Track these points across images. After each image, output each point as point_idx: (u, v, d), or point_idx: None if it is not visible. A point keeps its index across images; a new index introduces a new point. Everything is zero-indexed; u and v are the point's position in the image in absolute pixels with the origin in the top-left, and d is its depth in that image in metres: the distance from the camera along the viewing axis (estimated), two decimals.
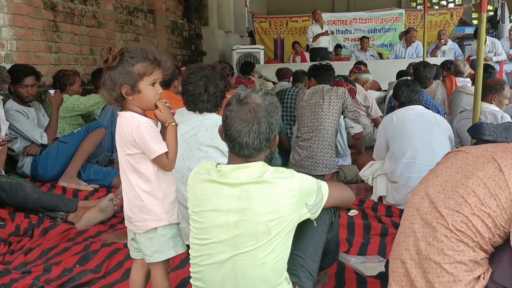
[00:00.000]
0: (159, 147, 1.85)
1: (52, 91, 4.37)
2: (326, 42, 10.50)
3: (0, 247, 2.90)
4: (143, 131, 1.84)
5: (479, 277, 1.71)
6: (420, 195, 1.87)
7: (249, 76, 7.73)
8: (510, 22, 12.32)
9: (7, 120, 4.01)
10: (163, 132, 1.93)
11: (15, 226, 3.21)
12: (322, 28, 10.41)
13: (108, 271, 2.61)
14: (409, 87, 3.71)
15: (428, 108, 4.06)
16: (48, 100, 4.44)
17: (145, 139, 1.84)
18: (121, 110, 1.92)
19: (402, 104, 3.73)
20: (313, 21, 10.53)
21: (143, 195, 1.90)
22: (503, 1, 12.28)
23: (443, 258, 1.72)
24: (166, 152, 1.87)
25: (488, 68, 5.31)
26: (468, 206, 1.72)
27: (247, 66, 8.35)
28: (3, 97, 4.10)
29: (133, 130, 1.84)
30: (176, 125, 1.92)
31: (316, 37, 10.16)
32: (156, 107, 1.89)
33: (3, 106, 4.09)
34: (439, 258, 1.73)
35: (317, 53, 10.34)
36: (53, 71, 5.25)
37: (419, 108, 3.70)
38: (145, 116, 1.90)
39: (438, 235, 1.74)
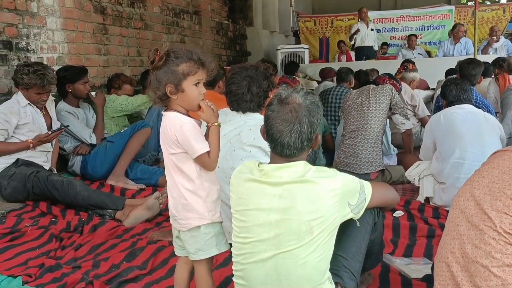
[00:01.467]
0: (201, 147, 1.88)
1: (93, 93, 4.52)
2: (371, 41, 10.36)
3: (52, 242, 3.01)
4: (185, 130, 1.87)
5: None
6: (466, 196, 1.82)
7: (294, 76, 7.73)
8: None
9: (58, 120, 4.16)
10: (206, 134, 1.96)
11: (66, 223, 3.32)
12: (367, 26, 10.27)
13: (154, 268, 2.66)
14: (457, 86, 3.61)
15: (478, 107, 3.94)
16: (93, 102, 4.60)
17: (187, 138, 1.87)
18: (165, 110, 1.96)
19: (450, 103, 3.63)
20: (359, 20, 10.40)
21: (186, 193, 1.94)
22: None
23: (491, 261, 1.67)
24: (208, 152, 1.90)
25: None
26: None
27: (292, 65, 8.34)
28: (54, 98, 4.26)
29: (176, 129, 1.88)
30: (219, 125, 1.95)
31: (352, 36, 10.11)
32: (199, 107, 1.93)
33: (55, 107, 4.26)
34: (486, 261, 1.68)
35: (363, 52, 10.22)
36: (102, 72, 5.43)
37: (468, 107, 3.59)
38: (189, 116, 1.94)
39: (486, 237, 1.69)
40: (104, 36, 5.56)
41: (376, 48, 10.59)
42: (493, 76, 6.18)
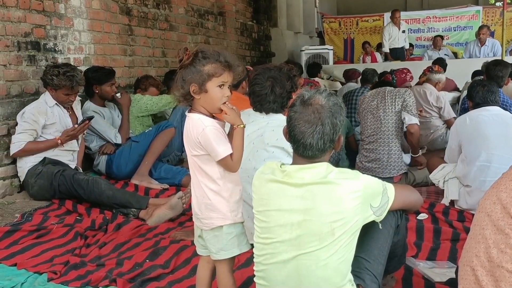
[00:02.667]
0: (223, 150, 1.89)
1: (118, 94, 4.57)
2: (402, 41, 10.28)
3: (77, 240, 3.06)
4: (208, 133, 1.88)
5: None
6: (492, 200, 1.79)
7: (313, 78, 7.69)
8: None
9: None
10: (230, 133, 1.97)
11: (91, 221, 3.37)
12: (399, 29, 10.20)
13: (176, 267, 2.69)
14: (484, 87, 3.55)
15: (505, 109, 3.87)
16: (118, 102, 4.66)
17: (210, 141, 1.88)
18: (189, 111, 1.97)
19: (477, 105, 3.58)
20: (391, 22, 10.34)
21: (210, 193, 1.95)
22: None
23: None
24: (231, 154, 1.90)
25: None
26: None
27: (314, 67, 8.31)
28: (80, 98, 4.34)
29: (199, 132, 1.90)
30: (244, 126, 1.95)
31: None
32: (221, 111, 1.93)
33: (81, 107, 4.33)
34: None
35: (394, 53, 10.15)
36: (127, 73, 5.49)
37: (495, 109, 3.53)
38: (213, 117, 1.95)
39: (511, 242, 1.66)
40: (130, 37, 5.63)
41: (407, 47, 10.49)
42: None
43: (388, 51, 10.22)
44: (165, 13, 6.36)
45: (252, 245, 1.95)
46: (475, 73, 6.52)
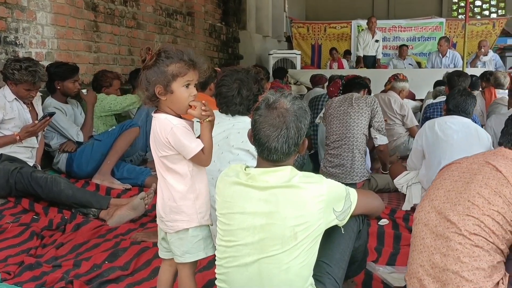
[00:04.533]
0: (195, 145, 1.87)
1: (84, 90, 4.47)
2: (374, 50, 10.43)
3: (33, 240, 2.97)
4: (176, 132, 1.86)
5: (498, 282, 1.72)
6: (426, 210, 1.90)
7: (286, 81, 7.74)
8: None
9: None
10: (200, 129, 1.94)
11: (48, 221, 3.28)
12: (373, 36, 10.35)
13: (136, 269, 2.64)
14: (461, 97, 3.63)
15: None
16: (83, 100, 4.55)
17: (179, 140, 1.86)
18: (155, 112, 1.94)
19: (449, 111, 3.66)
20: (367, 29, 10.48)
21: (176, 195, 1.92)
22: None
23: (461, 266, 1.73)
24: (202, 148, 1.89)
25: None
26: (477, 208, 1.75)
27: (280, 71, 8.35)
28: (41, 94, 4.22)
29: (167, 132, 1.86)
30: (212, 119, 1.93)
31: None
32: (190, 107, 1.90)
33: (42, 103, 4.21)
34: (456, 267, 1.74)
35: (364, 61, 10.29)
36: (92, 70, 5.39)
37: (463, 119, 3.61)
38: (180, 117, 1.92)
39: (452, 243, 1.76)
40: (95, 33, 5.52)
41: (379, 57, 10.65)
42: (480, 89, 6.24)
43: (362, 55, 10.35)
44: (133, 10, 6.27)
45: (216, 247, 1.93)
46: (437, 83, 6.69)
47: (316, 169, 4.43)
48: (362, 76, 5.22)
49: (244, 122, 2.69)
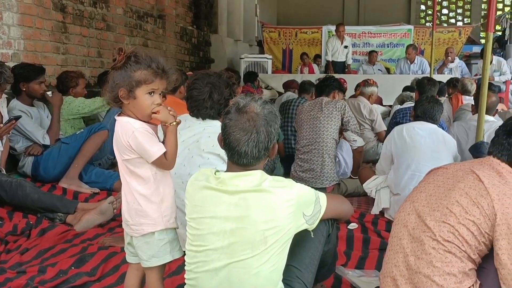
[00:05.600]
0: (157, 149, 1.86)
1: (49, 93, 4.37)
2: (343, 56, 10.54)
3: None
4: (138, 136, 1.85)
5: None
6: (407, 211, 1.93)
7: (257, 85, 7.75)
8: None
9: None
10: (164, 134, 1.93)
11: (12, 226, 3.20)
12: (342, 43, 10.46)
13: (104, 274, 2.60)
14: (429, 104, 3.70)
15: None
16: (49, 102, 4.45)
17: (141, 143, 1.85)
18: (119, 115, 1.92)
19: (417, 117, 3.73)
20: (335, 36, 10.58)
21: (140, 199, 1.90)
22: (511, 22, 12.29)
23: (433, 271, 1.76)
24: (165, 153, 1.87)
25: (490, 87, 5.29)
26: (454, 216, 1.77)
27: (251, 75, 8.36)
28: (7, 96, 4.12)
29: (129, 135, 1.85)
30: (177, 123, 1.91)
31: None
32: (151, 117, 1.88)
33: (7, 105, 4.11)
34: (428, 271, 1.76)
35: (333, 66, 10.39)
36: (60, 72, 5.28)
37: (431, 125, 3.68)
38: (143, 121, 1.90)
39: (426, 247, 1.79)
40: (64, 34, 5.42)
41: (349, 62, 10.77)
42: (446, 95, 6.38)
43: (330, 59, 10.45)
44: (102, 12, 6.19)
45: (184, 252, 1.91)
46: (406, 89, 6.82)
47: (286, 174, 4.45)
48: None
49: (214, 126, 2.68)
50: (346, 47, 10.55)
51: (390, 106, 7.01)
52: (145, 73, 1.85)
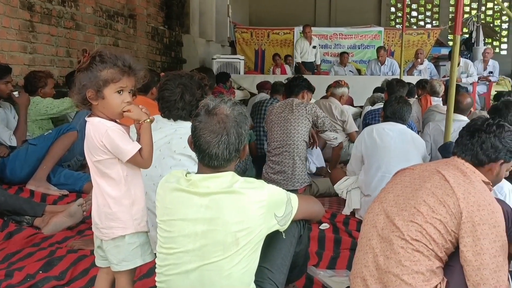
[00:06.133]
0: (131, 147, 1.84)
1: (16, 93, 4.27)
2: (312, 56, 10.60)
3: None
4: (111, 134, 1.82)
5: (436, 287, 1.78)
6: (375, 212, 1.96)
7: (229, 86, 7.73)
8: (484, 45, 12.65)
9: None
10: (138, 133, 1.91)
11: None
12: (310, 44, 10.52)
13: (73, 278, 2.55)
14: (398, 104, 3.74)
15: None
16: (15, 102, 4.35)
17: (115, 142, 1.82)
18: (89, 116, 1.89)
19: (386, 118, 3.77)
20: (303, 37, 10.63)
21: (110, 202, 1.88)
22: (478, 25, 12.60)
23: (401, 270, 1.79)
24: (140, 150, 1.85)
25: (458, 88, 5.41)
26: (421, 215, 1.82)
27: (222, 76, 8.35)
28: None
29: (102, 134, 1.82)
30: (151, 121, 1.89)
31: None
32: (121, 116, 1.87)
33: None
34: (397, 270, 1.80)
35: (305, 67, 10.43)
36: (27, 71, 5.16)
37: (400, 126, 3.73)
38: (115, 122, 1.88)
39: (395, 247, 1.82)
40: (31, 33, 5.31)
41: (318, 62, 10.84)
42: (416, 96, 6.49)
43: (300, 61, 10.51)
44: (71, 11, 6.09)
45: (156, 255, 1.89)
46: (376, 90, 6.91)
47: (258, 175, 4.46)
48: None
49: (186, 128, 2.64)
50: (314, 47, 10.63)
51: (361, 107, 7.09)
52: (112, 71, 1.83)
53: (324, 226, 3.41)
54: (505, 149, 1.97)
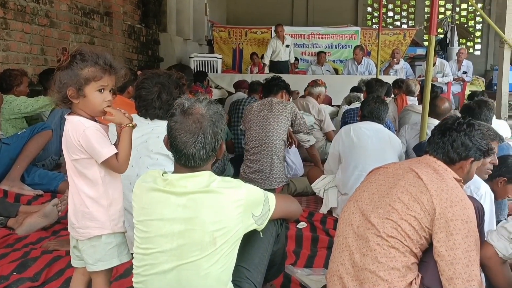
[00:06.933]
0: (107, 151, 1.82)
1: None
2: (286, 55, 10.62)
3: None
4: (89, 134, 1.81)
5: (411, 283, 1.82)
6: (351, 210, 1.99)
7: (206, 85, 7.71)
8: (458, 46, 12.88)
9: None
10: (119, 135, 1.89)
11: None
12: (283, 43, 10.54)
13: (48, 279, 2.52)
14: (375, 104, 3.78)
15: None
16: None
17: (91, 143, 1.81)
18: (69, 114, 1.87)
19: (363, 117, 3.81)
20: (276, 36, 10.64)
21: (88, 201, 1.86)
22: (453, 26, 12.81)
23: (378, 266, 1.82)
24: (116, 154, 1.83)
25: (433, 88, 5.50)
26: (396, 212, 1.86)
27: (200, 75, 8.31)
28: None
29: (79, 134, 1.81)
30: (133, 126, 1.89)
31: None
32: (104, 113, 1.85)
33: None
34: (374, 267, 1.83)
35: (277, 66, 10.45)
36: (0, 69, 5.06)
37: (377, 125, 3.76)
38: (94, 120, 1.86)
39: (371, 244, 1.85)
40: (4, 31, 5.21)
41: (292, 61, 10.87)
42: (392, 96, 6.57)
43: (267, 63, 10.50)
44: (46, 8, 5.98)
45: (132, 255, 1.88)
46: (353, 89, 6.97)
47: (236, 174, 4.45)
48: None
49: (163, 127, 2.58)
50: (287, 46, 10.64)
51: (338, 106, 7.15)
52: (93, 70, 1.82)
53: (302, 225, 3.43)
54: (475, 147, 2.02)
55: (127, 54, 8.39)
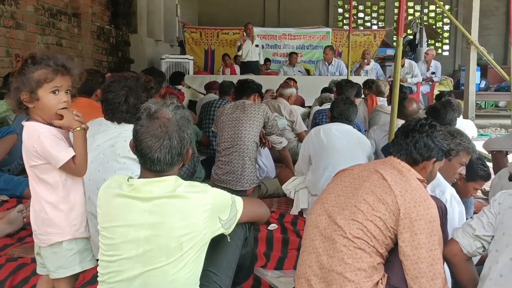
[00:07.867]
0: (64, 155, 1.80)
1: None
2: (256, 56, 10.63)
3: None
4: (43, 140, 1.78)
5: (377, 283, 1.84)
6: (317, 212, 2.01)
7: (179, 88, 7.66)
8: (427, 46, 13.11)
9: None
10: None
11: None
12: (252, 42, 10.54)
13: (12, 287, 2.46)
14: (345, 105, 3.80)
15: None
16: None
17: (46, 148, 1.79)
18: (27, 120, 1.84)
19: (333, 118, 3.83)
20: (244, 35, 10.63)
21: (47, 207, 1.84)
22: (421, 27, 13.04)
23: (344, 268, 1.84)
24: (74, 158, 1.81)
25: (402, 89, 5.57)
26: (361, 213, 1.88)
27: (177, 76, 8.25)
28: None
29: (34, 140, 1.79)
30: (83, 129, 1.86)
31: (238, 48, 10.37)
32: (61, 116, 1.82)
33: None
34: (340, 268, 1.84)
35: (248, 67, 10.44)
36: None
37: (346, 126, 3.79)
38: (51, 125, 1.83)
39: (338, 245, 1.87)
40: None
41: (262, 62, 10.89)
42: (362, 96, 6.64)
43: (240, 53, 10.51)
44: (11, 9, 5.85)
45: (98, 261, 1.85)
46: (324, 90, 7.01)
47: (208, 176, 4.43)
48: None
49: (130, 131, 2.59)
50: (257, 46, 10.65)
51: (310, 107, 7.18)
52: (44, 71, 1.79)
53: (273, 226, 3.43)
54: (437, 148, 2.06)
55: (96, 55, 8.28)
